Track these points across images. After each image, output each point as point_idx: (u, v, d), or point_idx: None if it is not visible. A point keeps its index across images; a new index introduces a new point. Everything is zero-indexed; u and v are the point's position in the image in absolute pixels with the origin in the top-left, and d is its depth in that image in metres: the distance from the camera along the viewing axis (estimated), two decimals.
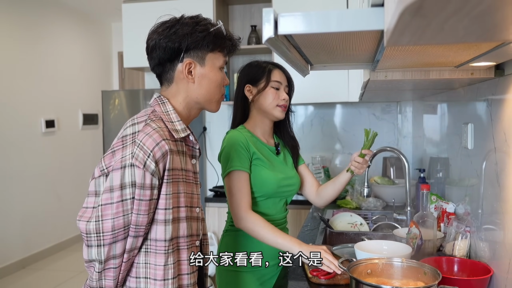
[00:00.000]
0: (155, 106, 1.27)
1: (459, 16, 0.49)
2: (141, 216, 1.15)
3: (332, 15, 0.74)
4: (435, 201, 1.96)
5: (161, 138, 1.16)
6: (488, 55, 1.03)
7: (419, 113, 3.08)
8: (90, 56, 6.14)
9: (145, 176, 1.13)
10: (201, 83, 1.28)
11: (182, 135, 1.24)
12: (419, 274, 1.27)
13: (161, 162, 1.16)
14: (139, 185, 1.14)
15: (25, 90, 4.90)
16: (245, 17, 3.73)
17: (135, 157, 1.14)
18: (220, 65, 1.32)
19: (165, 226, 1.19)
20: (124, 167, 1.14)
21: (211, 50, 1.27)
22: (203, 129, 3.88)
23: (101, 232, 1.14)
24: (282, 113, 1.78)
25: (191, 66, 1.26)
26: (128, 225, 1.15)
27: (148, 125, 1.19)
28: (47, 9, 5.25)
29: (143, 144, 1.15)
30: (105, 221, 1.14)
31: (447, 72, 1.29)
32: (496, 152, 1.34)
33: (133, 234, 1.16)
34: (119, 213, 1.14)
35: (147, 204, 1.15)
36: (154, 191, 1.16)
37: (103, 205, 1.14)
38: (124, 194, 1.14)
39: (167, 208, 1.19)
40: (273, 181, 1.73)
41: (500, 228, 1.31)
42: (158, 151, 1.15)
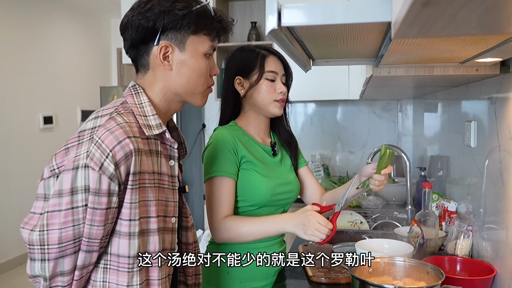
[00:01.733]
0: (127, 96, 1.09)
1: (474, 4, 0.47)
2: (94, 228, 0.97)
3: (338, 6, 0.72)
4: (436, 199, 1.94)
5: (125, 135, 0.98)
6: (495, 51, 1.01)
7: (419, 111, 3.06)
8: (89, 52, 6.12)
9: (101, 180, 0.95)
10: (180, 71, 1.09)
11: (156, 131, 1.06)
12: (421, 274, 1.25)
13: (123, 164, 0.97)
14: (93, 191, 0.95)
15: (23, 86, 4.87)
16: (245, 14, 3.70)
17: (90, 156, 0.95)
18: (205, 51, 1.10)
19: (130, 240, 1.01)
20: (76, 168, 0.95)
21: (194, 32, 1.07)
22: (202, 126, 3.85)
23: (46, 245, 0.96)
24: (280, 109, 1.53)
25: (167, 50, 1.07)
26: (79, 237, 0.97)
27: (113, 119, 1.00)
28: (46, 5, 5.22)
29: (101, 142, 0.96)
30: (51, 232, 0.95)
31: (452, 68, 1.27)
32: (501, 150, 1.32)
33: (86, 249, 0.98)
34: (68, 222, 0.95)
35: (102, 213, 0.96)
36: (112, 198, 0.97)
37: (50, 212, 0.96)
38: (75, 200, 0.95)
39: (132, 219, 1.00)
40: (267, 188, 1.48)
41: (504, 227, 1.30)
42: (120, 150, 0.96)
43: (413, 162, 3.13)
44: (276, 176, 1.53)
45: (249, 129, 1.56)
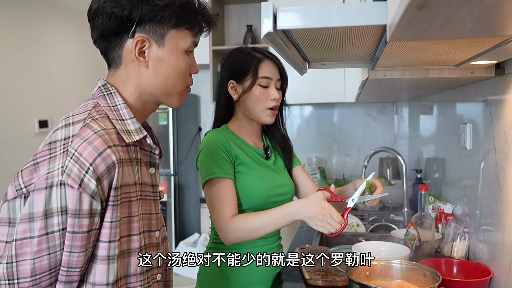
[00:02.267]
0: (98, 98, 0.95)
1: (470, 7, 0.47)
2: (75, 255, 0.84)
3: (333, 10, 0.73)
4: (432, 202, 1.95)
5: (106, 145, 0.85)
6: (490, 53, 1.01)
7: (415, 114, 3.07)
8: (85, 55, 6.10)
9: (82, 199, 0.82)
10: (157, 69, 0.96)
11: (137, 137, 0.94)
12: (418, 276, 1.25)
13: (106, 179, 0.85)
14: (72, 212, 0.82)
15: (18, 90, 4.85)
16: (241, 17, 3.71)
17: (67, 172, 0.82)
18: (187, 48, 0.98)
19: (108, 264, 0.88)
20: (50, 186, 0.82)
21: (175, 26, 0.94)
22: (198, 129, 3.85)
23: (16, 278, 0.82)
24: (272, 118, 1.49)
25: (144, 44, 0.94)
26: (55, 266, 0.84)
27: (88, 127, 0.87)
28: (41, 7, 5.21)
29: (79, 155, 0.83)
30: (21, 263, 0.81)
31: (447, 71, 1.28)
32: (496, 152, 1.33)
33: (64, 279, 0.85)
34: (43, 251, 0.82)
35: (84, 237, 0.83)
36: (94, 219, 0.84)
37: (19, 240, 0.82)
38: (49, 224, 0.82)
39: (111, 240, 0.87)
40: (262, 190, 1.45)
41: (500, 229, 1.30)
42: (101, 163, 0.84)
43: (409, 164, 3.13)
44: (270, 179, 1.50)
45: (241, 133, 1.53)
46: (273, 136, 1.63)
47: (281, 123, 1.62)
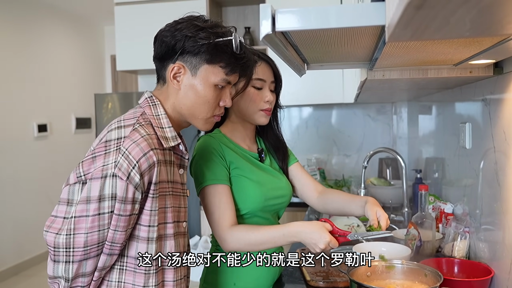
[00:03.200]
0: (145, 107, 1.15)
1: (468, 6, 0.47)
2: (118, 233, 1.04)
3: (331, 11, 0.73)
4: (432, 201, 1.95)
5: (149, 148, 1.04)
6: (488, 53, 1.01)
7: (414, 114, 3.07)
8: (83, 59, 6.10)
9: (128, 189, 1.02)
10: (187, 93, 1.15)
11: (172, 144, 1.13)
12: (419, 276, 1.25)
13: (147, 175, 1.04)
14: (120, 199, 1.02)
15: (17, 94, 4.85)
16: (239, 19, 3.71)
17: (118, 167, 1.02)
18: (217, 82, 1.14)
19: (148, 244, 1.09)
20: (105, 176, 1.02)
21: (208, 61, 1.12)
22: (197, 132, 3.84)
23: (72, 248, 1.01)
24: (266, 118, 1.48)
25: (180, 71, 1.13)
26: (103, 241, 1.04)
27: (136, 131, 1.06)
28: (39, 12, 5.21)
29: (128, 153, 1.03)
30: (77, 236, 1.01)
31: (446, 70, 1.28)
32: (496, 151, 1.33)
33: (108, 252, 1.05)
34: (94, 227, 1.02)
35: (126, 219, 1.04)
36: (135, 205, 1.04)
37: (77, 217, 1.02)
38: (102, 207, 1.02)
39: (151, 225, 1.08)
40: (259, 193, 1.43)
41: (500, 228, 1.30)
42: (145, 162, 1.03)
43: (409, 164, 3.13)
44: (267, 182, 1.48)
45: (235, 136, 1.51)
46: (267, 137, 1.61)
47: (275, 124, 1.61)
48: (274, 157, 1.61)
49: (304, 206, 2.96)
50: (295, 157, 1.68)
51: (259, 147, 1.59)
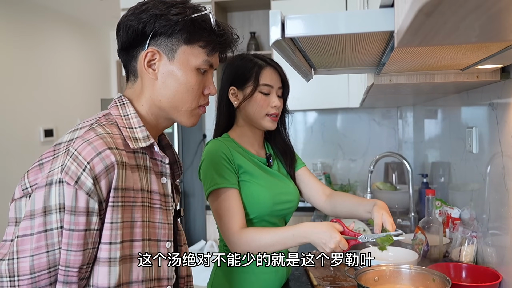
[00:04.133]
0: (111, 108, 0.99)
1: (478, 13, 0.47)
2: (72, 253, 0.84)
3: (341, 17, 0.73)
4: (439, 206, 1.94)
5: (106, 146, 0.86)
6: (495, 58, 1.02)
7: (420, 118, 3.07)
8: (88, 65, 6.14)
9: (78, 196, 0.83)
10: (165, 82, 0.97)
11: (143, 144, 0.94)
12: (427, 281, 1.25)
13: (104, 179, 0.85)
14: (69, 209, 0.83)
15: (23, 99, 4.89)
16: (244, 24, 3.73)
17: (65, 170, 0.84)
18: (198, 65, 0.98)
19: (110, 267, 0.88)
20: (49, 184, 0.83)
21: (186, 41, 0.96)
22: (203, 137, 3.86)
23: (16, 276, 0.82)
24: (273, 123, 1.49)
25: (154, 57, 0.96)
26: (54, 265, 0.84)
27: (92, 130, 0.89)
28: (45, 17, 5.26)
29: (78, 154, 0.85)
30: (21, 260, 0.82)
31: (453, 75, 1.28)
32: (503, 156, 1.33)
33: (63, 279, 0.84)
34: (41, 248, 0.82)
35: (81, 236, 0.84)
36: (91, 218, 0.85)
37: (20, 237, 0.83)
38: (48, 221, 0.83)
39: (112, 242, 0.87)
40: (268, 198, 1.43)
41: (508, 233, 1.30)
42: (99, 163, 0.85)
43: (415, 169, 3.13)
44: (275, 186, 1.48)
45: (243, 141, 1.51)
46: (274, 143, 1.62)
47: (283, 129, 1.61)
48: (281, 162, 1.62)
49: (310, 210, 2.97)
50: (303, 161, 1.69)
51: (267, 152, 1.59)
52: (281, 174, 1.57)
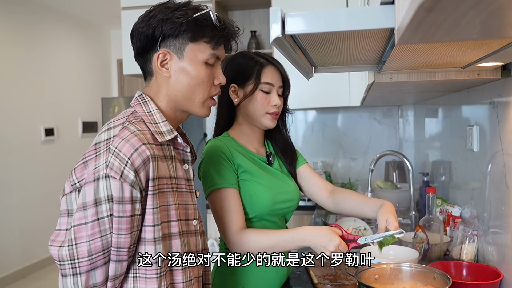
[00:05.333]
0: (135, 106, 1.10)
1: (479, 9, 0.47)
2: (122, 236, 0.98)
3: (341, 14, 0.73)
4: (440, 204, 1.94)
5: (141, 143, 0.99)
6: (496, 55, 1.01)
7: (420, 117, 3.06)
8: (89, 64, 6.14)
9: (123, 188, 0.96)
10: (178, 78, 1.09)
11: (168, 137, 1.07)
12: (428, 279, 1.25)
13: (142, 171, 0.98)
14: (116, 199, 0.96)
15: (24, 98, 4.89)
16: (245, 23, 3.72)
17: (110, 166, 0.96)
18: (205, 59, 1.09)
19: (155, 245, 1.02)
20: (97, 179, 0.96)
21: (192, 39, 1.07)
22: (204, 135, 3.86)
23: (76, 259, 0.96)
24: (273, 122, 1.49)
25: (165, 57, 1.08)
26: (107, 247, 0.98)
27: (126, 128, 1.02)
28: (46, 17, 5.25)
29: (118, 151, 0.97)
30: (79, 245, 0.96)
31: (453, 73, 1.28)
32: (504, 154, 1.32)
33: (115, 258, 0.99)
34: (96, 234, 0.96)
35: (128, 221, 0.97)
36: (135, 205, 0.98)
37: (76, 226, 0.96)
38: (99, 211, 0.96)
39: (155, 224, 1.02)
40: (268, 197, 1.43)
41: (509, 231, 1.29)
42: (138, 157, 0.97)
43: (415, 167, 3.13)
44: (275, 185, 1.48)
45: (243, 140, 1.51)
46: (275, 142, 1.61)
47: (283, 128, 1.61)
48: (282, 160, 1.61)
49: (311, 209, 2.97)
50: (304, 158, 1.68)
51: (268, 150, 1.58)
52: (282, 173, 1.56)
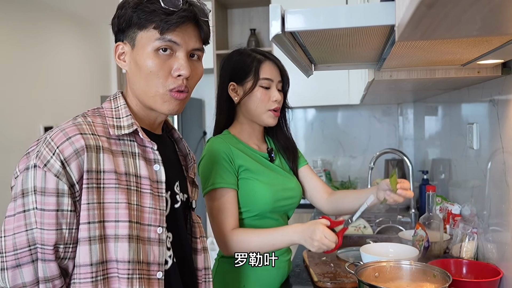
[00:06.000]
0: (105, 102, 1.05)
1: (480, 5, 0.47)
2: (45, 232, 0.88)
3: (341, 11, 0.73)
4: (440, 202, 1.94)
5: (77, 132, 0.92)
6: (496, 52, 1.01)
7: (420, 115, 3.06)
8: (89, 61, 6.13)
9: (47, 178, 0.88)
10: (132, 71, 1.02)
11: (126, 131, 0.98)
12: (428, 277, 1.25)
13: (74, 161, 0.90)
14: (39, 191, 0.88)
15: (23, 96, 4.88)
16: (244, 21, 3.72)
17: (39, 156, 0.90)
18: (155, 46, 0.98)
19: (90, 245, 0.91)
20: (27, 169, 0.91)
21: (140, 27, 0.98)
22: (203, 134, 3.85)
23: (3, 252, 0.89)
24: (274, 119, 1.48)
25: (122, 50, 1.03)
26: (34, 244, 0.89)
27: (72, 120, 0.96)
28: (45, 14, 5.25)
29: (51, 140, 0.91)
30: (7, 238, 0.89)
31: (453, 70, 1.27)
32: (504, 152, 1.32)
33: (41, 257, 0.89)
34: (21, 227, 0.89)
35: (51, 215, 0.88)
36: (62, 199, 0.89)
37: (7, 217, 0.91)
38: (26, 202, 0.89)
39: (91, 221, 0.91)
40: (269, 194, 1.42)
41: (509, 229, 1.29)
42: (68, 147, 0.90)
43: (415, 165, 3.12)
44: (276, 182, 1.47)
45: (243, 137, 1.50)
46: (276, 138, 1.60)
47: (284, 124, 1.60)
48: (284, 157, 1.60)
49: (311, 207, 2.96)
50: (305, 159, 1.67)
51: (269, 146, 1.57)
52: (284, 170, 1.56)
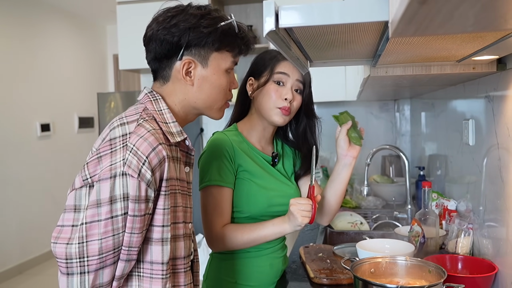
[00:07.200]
0: (146, 103, 1.08)
1: (472, 1, 0.47)
2: (135, 236, 0.96)
3: (335, 7, 0.73)
4: (436, 198, 1.95)
5: (158, 142, 0.98)
6: (491, 48, 1.01)
7: (417, 111, 3.07)
8: (85, 59, 6.11)
9: (140, 187, 0.95)
10: (201, 87, 1.10)
11: (178, 139, 1.07)
12: (423, 273, 1.25)
13: (158, 171, 0.98)
14: (133, 198, 0.94)
15: (19, 94, 4.87)
16: (241, 17, 3.71)
17: (128, 164, 0.94)
18: (227, 67, 1.13)
19: (163, 246, 1.01)
20: (114, 176, 0.94)
21: (217, 49, 1.09)
22: (200, 131, 3.85)
23: (85, 257, 0.93)
24: (282, 118, 1.43)
25: (190, 66, 1.08)
26: (118, 246, 0.96)
27: (141, 126, 1.00)
28: (42, 12, 5.22)
29: (137, 149, 0.96)
30: (91, 243, 0.93)
31: (449, 67, 1.27)
32: (499, 148, 1.33)
33: (125, 258, 0.97)
34: (108, 232, 0.94)
35: (142, 220, 0.96)
36: (149, 204, 0.97)
37: (89, 223, 0.94)
38: (114, 209, 0.94)
39: (164, 225, 1.01)
40: (264, 199, 1.41)
41: (504, 225, 1.30)
42: (155, 157, 0.97)
43: (412, 161, 3.13)
44: (274, 188, 1.45)
45: (250, 135, 1.49)
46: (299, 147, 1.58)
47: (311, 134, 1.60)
48: (295, 164, 1.59)
49: None
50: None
51: (275, 151, 1.55)
52: (284, 176, 1.53)
